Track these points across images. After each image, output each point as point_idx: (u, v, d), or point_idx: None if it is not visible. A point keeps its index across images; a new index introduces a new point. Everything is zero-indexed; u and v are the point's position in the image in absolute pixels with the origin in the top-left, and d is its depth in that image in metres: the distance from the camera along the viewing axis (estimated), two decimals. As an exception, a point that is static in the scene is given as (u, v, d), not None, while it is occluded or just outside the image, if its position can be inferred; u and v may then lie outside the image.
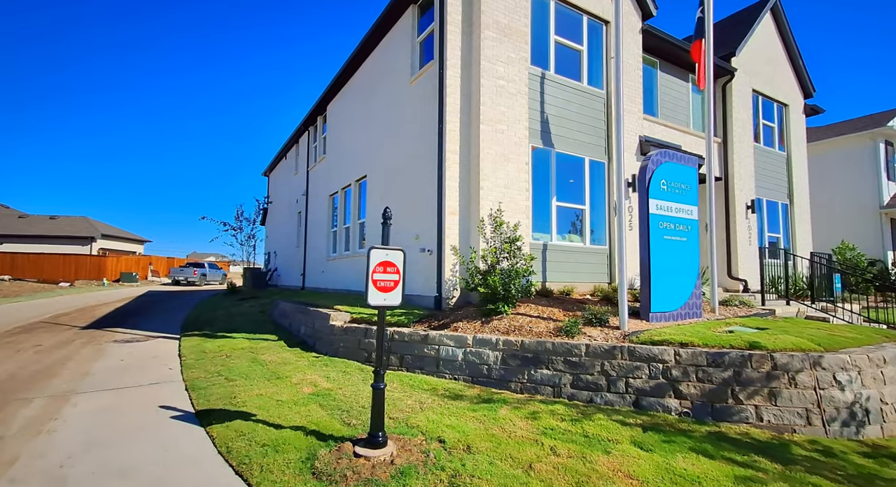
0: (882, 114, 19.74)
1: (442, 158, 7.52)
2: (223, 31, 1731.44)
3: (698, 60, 7.37)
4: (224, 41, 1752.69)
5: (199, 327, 10.47)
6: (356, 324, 7.14)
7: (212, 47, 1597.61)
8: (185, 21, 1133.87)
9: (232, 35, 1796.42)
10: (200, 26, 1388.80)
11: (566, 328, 5.51)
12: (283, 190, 20.63)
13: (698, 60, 7.37)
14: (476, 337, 5.73)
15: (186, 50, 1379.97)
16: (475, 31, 7.85)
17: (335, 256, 12.97)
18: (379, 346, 3.81)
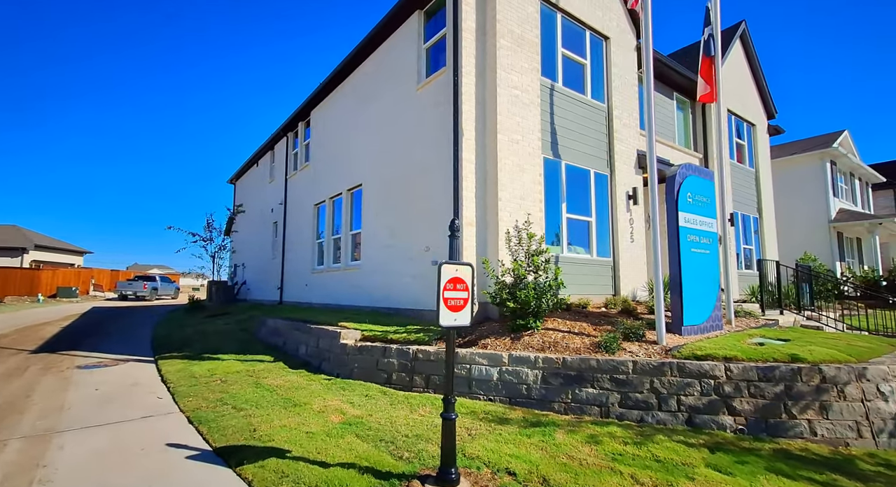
0: (828, 136, 21.51)
1: (458, 167, 7.25)
2: (196, 34, 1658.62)
3: (708, 78, 7.58)
4: (183, 46, 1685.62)
5: (176, 348, 9.51)
6: (370, 343, 6.65)
7: (167, 55, 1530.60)
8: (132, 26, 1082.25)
9: (197, 36, 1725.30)
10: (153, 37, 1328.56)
11: (605, 343, 5.33)
12: (255, 198, 19.57)
13: (708, 78, 7.58)
14: (512, 354, 5.44)
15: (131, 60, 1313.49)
16: (489, 39, 7.71)
17: (322, 269, 12.30)
18: (448, 372, 3.45)
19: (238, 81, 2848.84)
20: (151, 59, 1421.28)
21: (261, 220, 18.52)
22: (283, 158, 16.09)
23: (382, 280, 9.26)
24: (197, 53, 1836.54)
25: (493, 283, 6.45)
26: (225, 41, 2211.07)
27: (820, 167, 20.29)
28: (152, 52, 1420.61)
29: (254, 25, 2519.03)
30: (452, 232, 3.61)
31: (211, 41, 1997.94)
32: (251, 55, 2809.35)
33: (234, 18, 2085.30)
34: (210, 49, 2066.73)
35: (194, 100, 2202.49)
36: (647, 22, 5.99)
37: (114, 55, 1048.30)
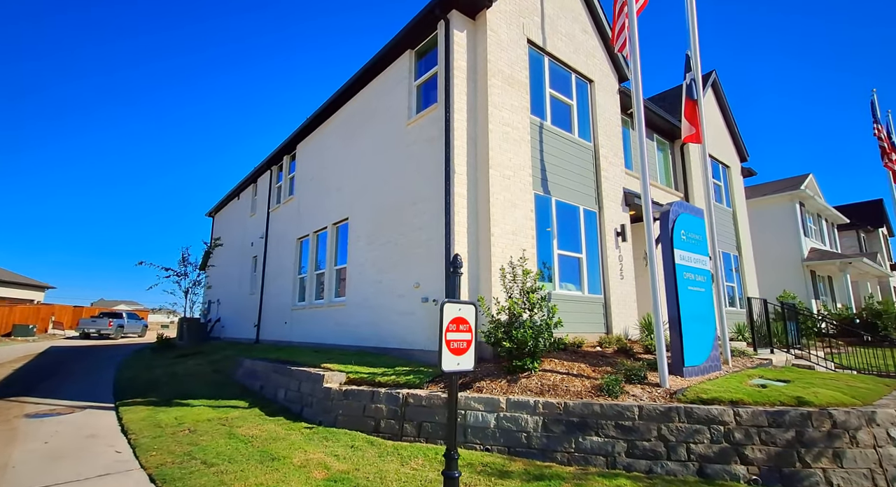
0: (796, 179, 22.57)
1: (450, 203, 7.14)
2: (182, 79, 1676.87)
3: (693, 120, 7.82)
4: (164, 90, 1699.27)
5: (140, 392, 8.77)
6: (356, 387, 6.21)
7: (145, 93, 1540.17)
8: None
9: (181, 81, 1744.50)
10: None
11: (607, 386, 5.08)
12: (234, 232, 19.06)
13: (693, 120, 7.82)
14: (510, 399, 5.12)
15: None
16: (480, 78, 7.85)
17: (303, 305, 11.80)
18: (451, 423, 3.14)
19: (222, 116, 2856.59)
20: (133, 85, 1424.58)
21: (239, 254, 17.94)
22: (266, 191, 15.82)
23: (369, 317, 8.87)
24: (182, 88, 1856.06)
25: (488, 322, 6.20)
26: (212, 76, 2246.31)
27: (791, 208, 21.14)
28: (134, 77, 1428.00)
29: (240, 65, 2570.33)
30: (454, 268, 3.39)
31: (199, 75, 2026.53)
32: (237, 90, 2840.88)
33: (218, 55, 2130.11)
34: (196, 83, 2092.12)
35: (176, 132, 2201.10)
36: (635, 67, 6.18)
37: (84, 81, 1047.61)
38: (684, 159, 13.78)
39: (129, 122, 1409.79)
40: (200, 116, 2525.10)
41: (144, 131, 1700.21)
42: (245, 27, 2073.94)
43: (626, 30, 6.25)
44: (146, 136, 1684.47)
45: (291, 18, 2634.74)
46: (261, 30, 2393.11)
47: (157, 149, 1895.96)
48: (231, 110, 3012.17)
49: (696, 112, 7.84)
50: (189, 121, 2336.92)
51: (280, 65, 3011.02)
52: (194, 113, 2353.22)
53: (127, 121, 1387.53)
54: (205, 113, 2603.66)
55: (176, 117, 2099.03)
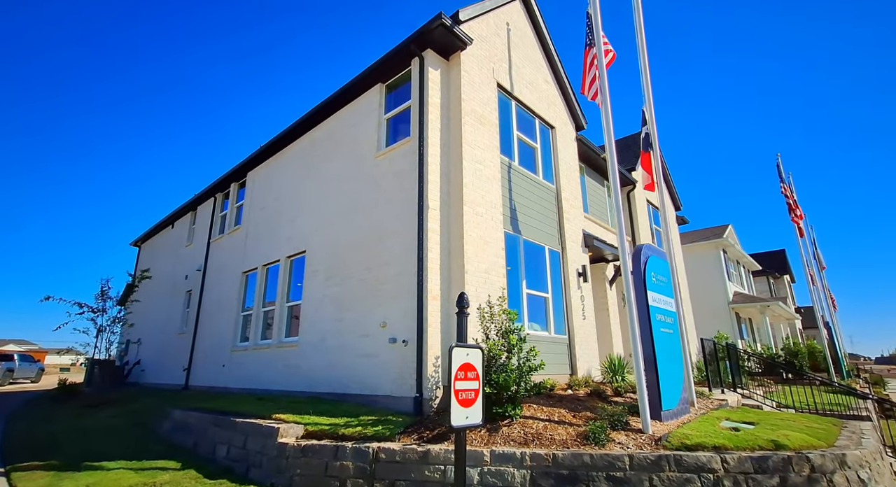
0: (719, 228, 24.83)
1: (423, 238, 6.89)
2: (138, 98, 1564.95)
3: (648, 169, 8.31)
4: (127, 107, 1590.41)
5: (38, 453, 7.27)
6: (316, 441, 5.51)
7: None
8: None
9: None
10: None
11: (592, 434, 4.87)
12: (164, 264, 17.34)
13: (648, 169, 8.31)
14: (494, 451, 4.74)
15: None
16: (454, 116, 7.89)
17: (246, 346, 10.70)
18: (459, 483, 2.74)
19: (161, 140, 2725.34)
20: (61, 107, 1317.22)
21: (170, 289, 16.25)
22: (208, 220, 14.65)
23: (326, 359, 8.15)
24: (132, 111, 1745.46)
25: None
26: (160, 98, 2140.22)
27: (716, 254, 23.07)
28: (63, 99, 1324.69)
29: (183, 92, 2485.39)
30: (460, 308, 3.11)
31: (154, 97, 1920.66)
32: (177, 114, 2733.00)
33: (168, 80, 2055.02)
34: (152, 104, 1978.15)
35: (98, 153, 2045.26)
36: (607, 115, 6.46)
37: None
38: (630, 206, 14.66)
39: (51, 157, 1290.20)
40: (128, 148, 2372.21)
41: (68, 170, 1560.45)
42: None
43: (597, 81, 6.60)
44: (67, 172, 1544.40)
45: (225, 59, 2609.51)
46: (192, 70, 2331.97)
47: (75, 179, 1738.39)
48: (161, 140, 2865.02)
49: (651, 162, 8.36)
50: (116, 152, 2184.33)
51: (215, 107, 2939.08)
52: (122, 146, 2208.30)
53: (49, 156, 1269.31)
54: (134, 145, 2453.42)
55: (102, 151, 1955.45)
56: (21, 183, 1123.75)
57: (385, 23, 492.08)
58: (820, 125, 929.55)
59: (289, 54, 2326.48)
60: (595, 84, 6.70)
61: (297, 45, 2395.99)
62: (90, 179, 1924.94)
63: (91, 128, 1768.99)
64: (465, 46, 8.07)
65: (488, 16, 8.95)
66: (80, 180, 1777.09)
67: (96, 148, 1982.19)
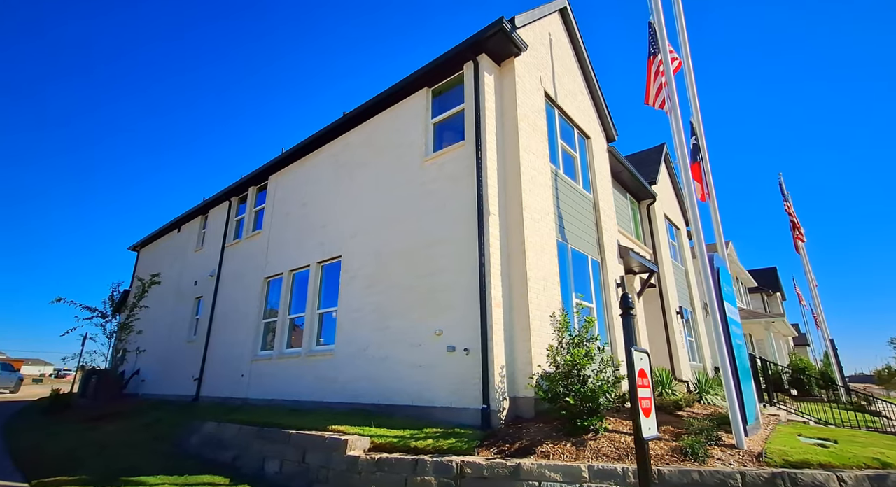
0: (721, 244, 25.17)
1: (483, 244, 6.68)
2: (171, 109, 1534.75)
3: (699, 179, 8.30)
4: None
5: (62, 469, 6.72)
6: (387, 454, 5.18)
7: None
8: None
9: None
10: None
11: (690, 449, 4.66)
12: (169, 269, 16.70)
13: (699, 179, 8.30)
14: (592, 466, 4.48)
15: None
16: (508, 121, 7.78)
17: (270, 355, 10.23)
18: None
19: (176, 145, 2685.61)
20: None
21: (175, 295, 15.62)
22: (223, 225, 14.18)
23: (367, 370, 7.79)
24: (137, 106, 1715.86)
25: (538, 375, 5.61)
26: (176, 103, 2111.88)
27: (721, 269, 23.32)
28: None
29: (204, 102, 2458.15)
30: (626, 309, 2.91)
31: (161, 101, 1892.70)
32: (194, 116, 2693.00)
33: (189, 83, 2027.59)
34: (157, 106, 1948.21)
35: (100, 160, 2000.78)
36: (677, 124, 6.42)
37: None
38: (650, 218, 14.72)
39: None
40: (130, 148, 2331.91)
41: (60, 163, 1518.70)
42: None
43: (665, 88, 6.58)
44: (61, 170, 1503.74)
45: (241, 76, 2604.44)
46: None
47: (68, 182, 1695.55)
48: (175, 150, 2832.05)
49: (702, 172, 8.36)
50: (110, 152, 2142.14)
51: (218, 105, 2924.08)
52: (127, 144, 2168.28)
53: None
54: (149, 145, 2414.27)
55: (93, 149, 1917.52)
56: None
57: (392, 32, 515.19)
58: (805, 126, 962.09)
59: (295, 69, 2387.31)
60: (661, 93, 6.68)
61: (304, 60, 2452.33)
62: (85, 176, 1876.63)
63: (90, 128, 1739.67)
64: (520, 53, 8.02)
65: (535, 25, 8.95)
66: (72, 180, 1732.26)
67: (89, 148, 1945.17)
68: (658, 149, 17.13)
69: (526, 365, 6.30)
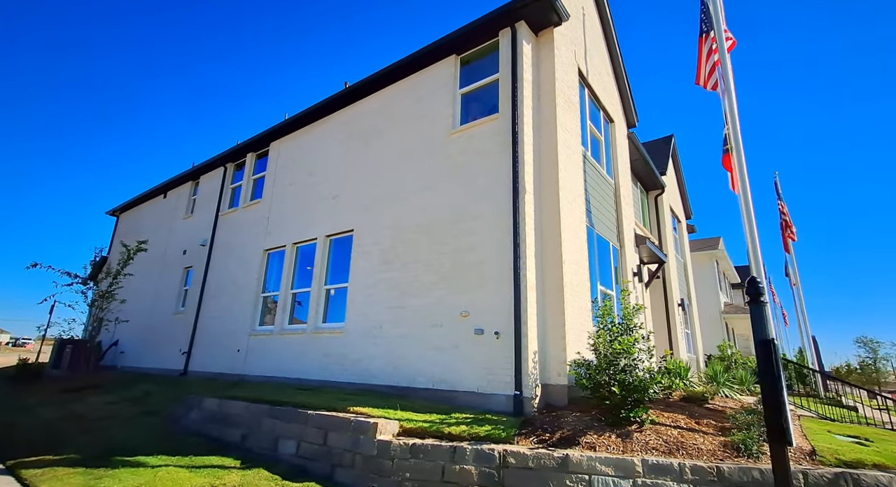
0: (713, 239, 25.48)
1: (518, 223, 6.30)
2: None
3: (730, 169, 8.06)
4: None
5: (44, 447, 6.17)
6: (419, 440, 4.84)
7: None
8: None
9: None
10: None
11: (743, 445, 4.47)
12: (153, 236, 15.76)
13: (730, 169, 8.06)
14: (646, 460, 4.24)
15: None
16: (544, 95, 7.35)
17: (271, 331, 9.71)
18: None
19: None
20: None
21: (160, 263, 14.80)
22: (216, 192, 13.38)
23: (382, 349, 7.40)
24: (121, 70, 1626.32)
25: (574, 362, 5.33)
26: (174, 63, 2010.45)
27: (711, 265, 23.64)
28: None
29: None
30: (755, 295, 2.59)
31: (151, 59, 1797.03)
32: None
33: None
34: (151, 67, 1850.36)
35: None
36: (731, 106, 6.11)
37: None
38: (658, 209, 14.59)
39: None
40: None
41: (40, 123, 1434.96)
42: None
43: (718, 68, 6.24)
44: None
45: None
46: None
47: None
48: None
49: (732, 162, 8.12)
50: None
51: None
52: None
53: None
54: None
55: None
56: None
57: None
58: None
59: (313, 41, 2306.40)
60: (714, 74, 6.33)
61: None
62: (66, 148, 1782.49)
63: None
64: (560, 22, 7.55)
65: (572, -4, 8.46)
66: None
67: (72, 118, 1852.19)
68: (666, 139, 16.95)
69: (560, 351, 6.03)
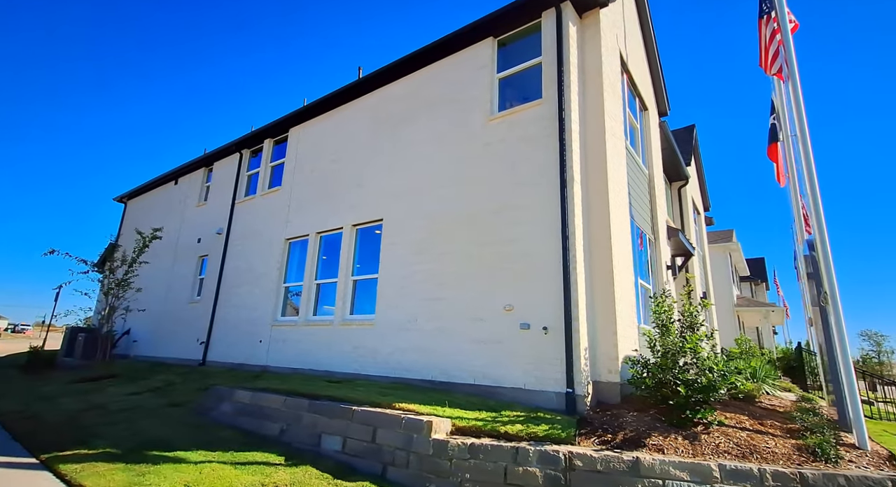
0: (726, 232, 25.27)
1: (567, 215, 6.04)
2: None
3: (776, 161, 7.79)
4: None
5: (72, 439, 5.96)
6: (476, 440, 4.64)
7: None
8: None
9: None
10: None
11: (820, 449, 4.28)
12: (164, 224, 15.41)
13: (776, 161, 7.79)
14: (724, 465, 4.04)
15: None
16: (590, 80, 7.03)
17: (295, 321, 9.49)
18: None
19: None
20: None
21: (173, 252, 14.55)
22: (232, 179, 13.06)
23: (418, 343, 7.19)
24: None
25: (630, 359, 5.12)
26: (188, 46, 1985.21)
27: (725, 258, 23.44)
28: None
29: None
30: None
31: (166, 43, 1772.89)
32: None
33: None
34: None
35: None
36: (797, 94, 5.77)
37: None
38: (681, 200, 14.31)
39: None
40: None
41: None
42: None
43: (782, 52, 5.91)
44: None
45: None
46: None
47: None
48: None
49: (778, 154, 7.84)
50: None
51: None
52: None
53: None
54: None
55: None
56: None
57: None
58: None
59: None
60: (778, 59, 6.01)
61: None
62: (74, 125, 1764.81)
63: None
64: (607, 3, 7.19)
65: (614, -24, 8.07)
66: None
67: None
68: (688, 129, 16.61)
69: (610, 347, 5.82)
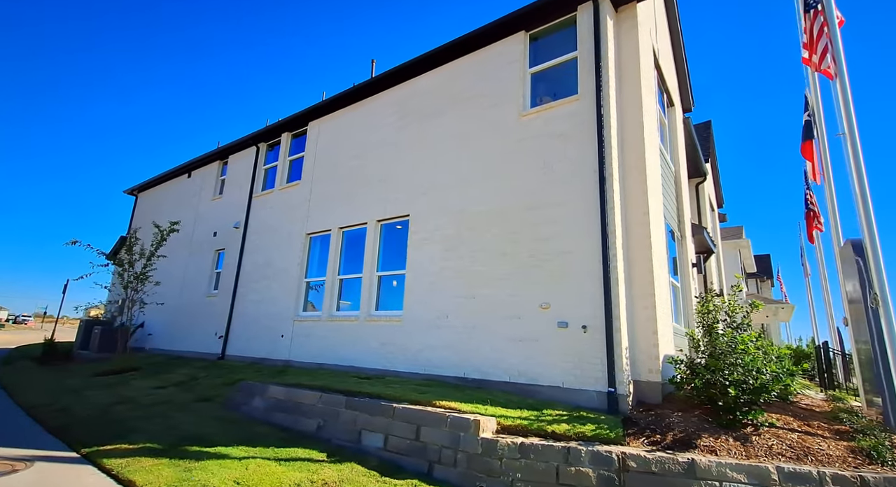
0: (736, 229, 25.21)
1: (606, 213, 5.98)
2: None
3: (811, 159, 7.70)
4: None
5: (110, 434, 5.94)
6: (525, 439, 4.61)
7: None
8: None
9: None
10: None
11: (876, 452, 4.25)
12: (178, 217, 15.37)
13: (811, 159, 7.70)
14: (782, 468, 4.01)
15: None
16: (627, 76, 6.93)
17: (318, 317, 9.47)
18: None
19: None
20: None
21: (187, 245, 14.50)
22: (247, 172, 12.97)
23: (450, 340, 7.16)
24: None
25: (676, 358, 5.09)
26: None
27: (735, 254, 23.44)
28: None
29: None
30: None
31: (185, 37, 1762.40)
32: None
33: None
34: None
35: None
36: (845, 91, 5.69)
37: None
38: (699, 197, 14.23)
39: None
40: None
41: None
42: None
43: (830, 48, 5.81)
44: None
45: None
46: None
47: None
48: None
49: (814, 151, 7.75)
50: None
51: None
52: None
53: None
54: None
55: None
56: None
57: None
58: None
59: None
60: (826, 56, 5.91)
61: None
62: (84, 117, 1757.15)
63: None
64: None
65: (648, -32, 7.93)
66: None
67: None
68: (706, 125, 16.48)
69: (651, 346, 5.78)
